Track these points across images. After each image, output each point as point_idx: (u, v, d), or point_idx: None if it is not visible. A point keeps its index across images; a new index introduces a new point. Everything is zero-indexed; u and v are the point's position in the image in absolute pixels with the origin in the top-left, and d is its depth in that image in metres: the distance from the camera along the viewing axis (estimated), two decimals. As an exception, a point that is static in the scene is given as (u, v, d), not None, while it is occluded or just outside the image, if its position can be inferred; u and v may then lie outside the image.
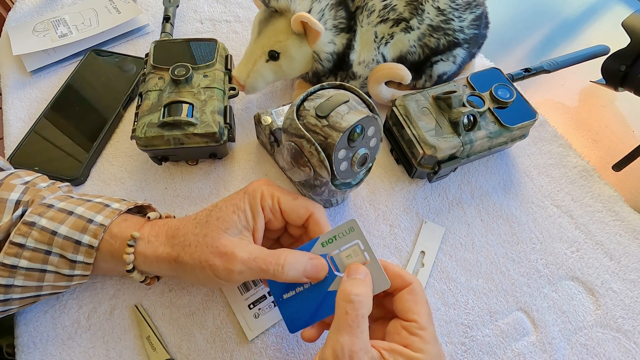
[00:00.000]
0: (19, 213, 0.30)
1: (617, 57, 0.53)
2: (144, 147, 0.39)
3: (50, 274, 0.30)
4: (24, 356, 0.34)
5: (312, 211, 0.32)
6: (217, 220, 0.30)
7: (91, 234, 0.30)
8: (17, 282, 0.29)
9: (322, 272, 0.30)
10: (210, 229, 0.30)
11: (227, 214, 0.30)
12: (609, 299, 0.38)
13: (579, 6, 0.75)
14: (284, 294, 0.31)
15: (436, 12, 0.42)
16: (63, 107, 0.47)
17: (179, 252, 0.30)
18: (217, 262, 0.28)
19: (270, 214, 0.32)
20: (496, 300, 0.38)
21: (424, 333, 0.26)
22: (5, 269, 0.29)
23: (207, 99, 0.40)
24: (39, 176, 0.35)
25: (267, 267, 0.28)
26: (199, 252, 0.29)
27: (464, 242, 0.40)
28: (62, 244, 0.30)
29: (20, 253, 0.29)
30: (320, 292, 0.30)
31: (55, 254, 0.30)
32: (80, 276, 0.31)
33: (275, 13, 0.39)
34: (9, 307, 0.31)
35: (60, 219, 0.30)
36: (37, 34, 0.52)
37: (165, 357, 0.33)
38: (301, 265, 0.29)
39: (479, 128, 0.40)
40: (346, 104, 0.30)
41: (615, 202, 0.43)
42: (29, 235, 0.29)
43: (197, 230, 0.30)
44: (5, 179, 0.32)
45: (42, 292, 0.31)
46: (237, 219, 0.30)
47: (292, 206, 0.32)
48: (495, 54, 0.57)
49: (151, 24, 0.56)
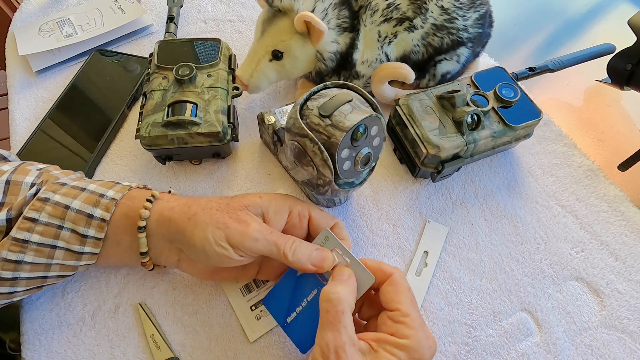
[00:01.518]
0: (32, 191, 0.31)
1: (623, 55, 0.53)
2: (148, 146, 0.39)
3: (60, 250, 0.31)
4: (30, 353, 0.34)
5: (337, 221, 0.34)
6: (241, 197, 0.32)
7: (103, 207, 0.31)
8: (27, 258, 0.30)
9: (327, 261, 0.31)
10: (233, 202, 0.32)
11: (251, 197, 0.32)
12: (614, 300, 0.38)
13: (584, 4, 0.74)
14: (287, 318, 0.32)
15: (440, 11, 0.42)
16: (68, 106, 0.47)
17: (196, 210, 0.31)
18: (235, 225, 0.30)
19: (297, 218, 0.33)
20: (500, 301, 0.37)
21: (407, 319, 0.27)
22: (17, 244, 0.29)
23: (211, 99, 0.40)
24: (52, 165, 0.36)
25: (278, 241, 0.30)
26: (217, 215, 0.30)
27: (467, 242, 0.40)
28: (75, 218, 0.30)
29: (32, 228, 0.29)
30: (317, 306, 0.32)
31: (67, 228, 0.30)
32: (90, 254, 0.31)
33: (278, 13, 0.39)
34: (15, 289, 0.31)
35: (73, 194, 0.31)
36: (42, 34, 0.53)
37: (169, 355, 0.33)
38: (307, 250, 0.31)
39: (483, 127, 0.40)
40: (349, 104, 0.30)
41: (621, 202, 0.43)
42: (43, 210, 0.30)
43: (220, 200, 0.32)
44: (20, 165, 0.34)
45: (50, 274, 0.31)
46: (260, 202, 0.32)
47: (320, 215, 0.34)
48: (499, 53, 0.57)
49: (155, 24, 0.56)
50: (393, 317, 0.28)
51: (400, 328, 0.27)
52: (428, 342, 0.27)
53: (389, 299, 0.29)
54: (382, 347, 0.26)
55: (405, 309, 0.28)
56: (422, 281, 0.38)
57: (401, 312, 0.28)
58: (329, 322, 0.26)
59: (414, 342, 0.26)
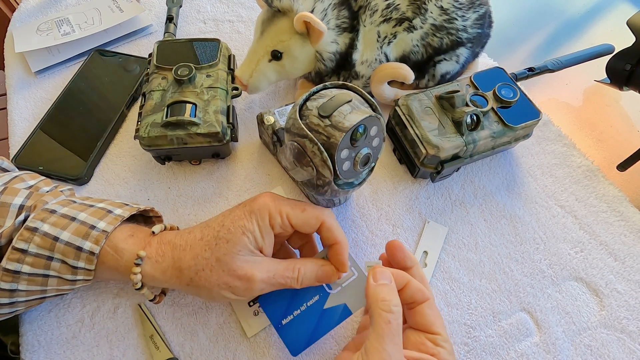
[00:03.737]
0: (21, 218, 0.30)
1: (622, 56, 0.53)
2: (147, 146, 0.39)
3: (53, 278, 0.30)
4: (29, 355, 0.34)
5: (323, 219, 0.32)
6: (227, 243, 0.30)
7: (93, 240, 0.30)
8: (21, 286, 0.29)
9: (333, 277, 0.32)
10: (221, 252, 0.29)
11: (237, 236, 0.30)
12: (614, 300, 0.38)
13: (583, 5, 0.74)
14: (282, 320, 0.32)
15: (439, 11, 0.42)
16: (67, 107, 0.47)
17: (191, 276, 0.30)
18: (238, 283, 0.29)
19: (280, 229, 0.32)
20: (499, 301, 0.37)
21: (448, 345, 0.29)
22: (9, 274, 0.29)
23: (210, 99, 0.40)
24: (43, 180, 0.35)
25: (284, 281, 0.30)
26: (215, 277, 0.29)
27: (467, 242, 0.40)
28: (64, 250, 0.30)
29: (22, 259, 0.29)
30: (316, 312, 0.32)
31: (57, 259, 0.30)
32: (83, 280, 0.31)
33: (278, 13, 0.39)
34: (16, 309, 0.31)
35: (62, 224, 0.30)
36: (40, 33, 0.53)
37: (169, 356, 0.33)
38: (313, 273, 0.31)
39: (482, 128, 0.40)
40: (349, 104, 0.30)
41: (620, 202, 0.43)
42: (31, 240, 0.29)
43: (208, 254, 0.30)
44: (9, 183, 0.32)
45: (47, 295, 0.31)
46: (247, 241, 0.30)
47: (302, 219, 0.32)
48: (498, 53, 0.57)
49: (154, 24, 0.56)
50: (434, 341, 0.29)
51: (442, 352, 0.28)
52: None
53: (429, 322, 0.29)
54: None
55: (445, 334, 0.29)
56: (421, 281, 0.38)
57: (443, 337, 0.29)
58: (391, 334, 0.26)
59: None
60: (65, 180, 0.42)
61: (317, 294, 0.33)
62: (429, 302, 0.30)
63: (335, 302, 0.32)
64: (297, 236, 0.35)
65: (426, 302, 0.30)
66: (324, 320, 0.32)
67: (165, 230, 0.34)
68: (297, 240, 0.35)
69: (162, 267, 0.31)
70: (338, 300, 0.32)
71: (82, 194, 0.42)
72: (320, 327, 0.32)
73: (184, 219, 0.41)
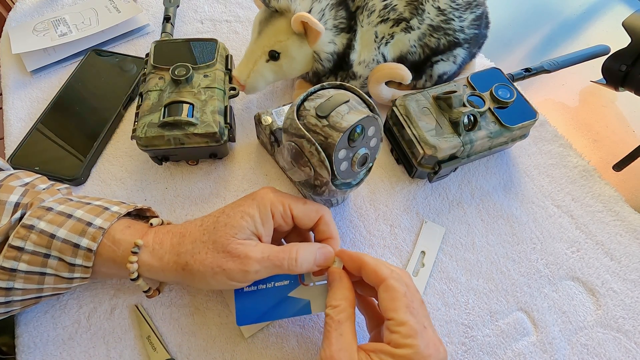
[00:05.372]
0: (17, 216, 0.30)
1: (618, 57, 0.53)
2: (144, 147, 0.39)
3: (49, 276, 0.30)
4: (25, 356, 0.34)
5: (322, 213, 0.33)
6: (224, 226, 0.30)
7: (90, 237, 0.30)
8: (17, 285, 0.29)
9: (331, 259, 0.32)
10: (218, 235, 0.29)
11: (235, 219, 0.30)
12: (610, 299, 0.38)
13: (580, 6, 0.75)
14: (245, 287, 0.32)
15: (436, 12, 0.42)
16: (63, 107, 0.47)
17: (187, 260, 0.30)
18: (232, 265, 0.29)
19: (281, 219, 0.32)
20: (496, 300, 0.38)
21: (402, 328, 0.26)
22: (5, 272, 0.29)
23: (208, 99, 0.40)
24: (39, 177, 0.35)
25: (281, 263, 0.29)
26: (210, 259, 0.29)
27: (464, 242, 0.40)
28: (61, 247, 0.29)
29: (19, 256, 0.29)
30: (279, 295, 0.32)
31: (54, 257, 0.30)
32: (80, 279, 0.31)
33: (275, 13, 0.39)
34: (11, 309, 0.31)
35: (59, 222, 0.30)
36: (37, 34, 0.52)
37: (166, 357, 0.33)
38: (311, 255, 0.30)
39: (480, 128, 0.40)
40: (346, 104, 0.30)
41: (616, 202, 0.43)
42: (28, 238, 0.29)
43: (205, 237, 0.30)
44: (4, 180, 0.32)
45: (43, 294, 0.31)
46: (246, 224, 0.30)
47: (303, 211, 0.32)
48: (495, 54, 0.57)
49: (152, 24, 0.56)
50: (389, 327, 0.27)
51: (395, 337, 0.26)
52: (429, 351, 0.26)
53: (384, 307, 0.27)
54: (379, 357, 0.26)
55: (400, 316, 0.26)
56: (419, 281, 0.38)
57: (395, 320, 0.26)
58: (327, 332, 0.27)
59: (410, 351, 0.25)
60: (62, 181, 0.42)
61: (288, 279, 0.32)
62: (383, 285, 0.28)
63: (301, 295, 0.32)
64: (294, 234, 0.35)
65: (381, 285, 0.28)
66: (283, 305, 0.31)
67: (163, 225, 0.34)
68: (294, 239, 0.35)
69: (159, 254, 0.31)
70: (304, 294, 0.32)
71: (79, 194, 0.42)
72: (277, 310, 0.31)
73: (181, 220, 0.40)
